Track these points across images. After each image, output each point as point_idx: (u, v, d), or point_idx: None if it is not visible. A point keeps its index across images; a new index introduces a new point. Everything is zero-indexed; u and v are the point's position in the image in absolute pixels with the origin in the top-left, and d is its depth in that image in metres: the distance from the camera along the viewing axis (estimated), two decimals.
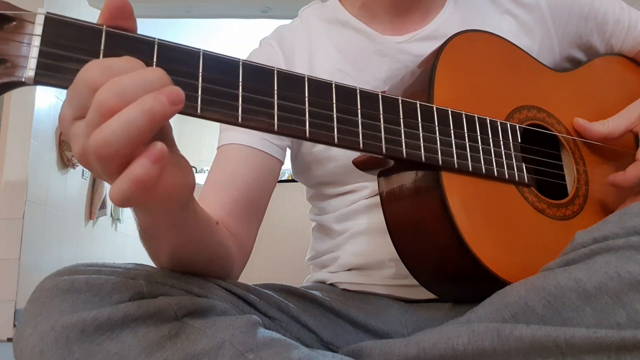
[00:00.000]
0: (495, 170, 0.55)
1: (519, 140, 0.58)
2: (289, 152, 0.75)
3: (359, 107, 0.47)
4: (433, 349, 0.43)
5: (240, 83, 0.41)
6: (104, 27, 0.36)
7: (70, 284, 0.41)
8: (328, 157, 0.69)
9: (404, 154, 0.49)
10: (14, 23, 0.35)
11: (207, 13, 2.74)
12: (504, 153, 0.56)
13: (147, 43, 0.38)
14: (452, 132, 0.53)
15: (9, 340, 2.02)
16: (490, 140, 0.55)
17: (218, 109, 0.39)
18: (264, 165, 0.68)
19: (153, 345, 0.40)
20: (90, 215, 2.95)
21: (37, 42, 0.34)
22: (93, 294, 0.41)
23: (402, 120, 0.50)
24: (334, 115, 0.46)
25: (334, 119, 0.45)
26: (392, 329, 0.62)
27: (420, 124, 0.51)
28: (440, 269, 0.55)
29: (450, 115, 0.53)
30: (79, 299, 0.40)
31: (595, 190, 0.63)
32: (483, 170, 0.54)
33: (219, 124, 0.60)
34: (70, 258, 2.63)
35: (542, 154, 0.63)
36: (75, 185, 2.81)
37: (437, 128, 0.52)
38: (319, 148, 0.69)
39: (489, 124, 0.56)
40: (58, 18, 0.35)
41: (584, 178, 0.63)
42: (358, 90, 0.48)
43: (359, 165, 0.56)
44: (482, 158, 0.54)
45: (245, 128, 0.41)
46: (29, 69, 0.34)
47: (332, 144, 0.45)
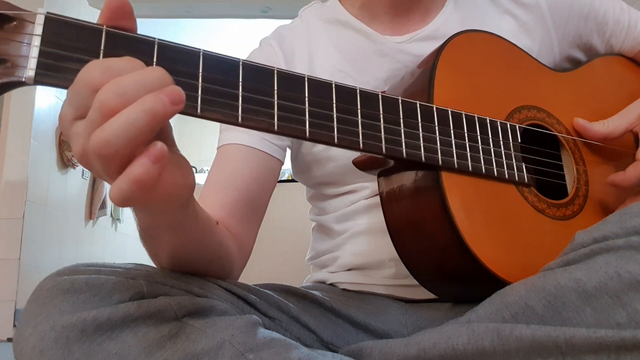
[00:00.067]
0: (495, 170, 0.55)
1: (519, 140, 0.58)
2: (289, 152, 0.75)
3: (359, 107, 0.47)
4: (433, 349, 0.43)
5: (240, 83, 0.41)
6: (104, 27, 0.36)
7: (70, 284, 0.41)
8: (328, 157, 0.69)
9: (404, 154, 0.49)
10: (14, 23, 0.35)
11: (207, 13, 2.74)
12: (504, 153, 0.56)
13: (147, 43, 0.38)
14: (452, 132, 0.53)
15: (9, 340, 2.02)
16: (490, 140, 0.55)
17: (218, 109, 0.39)
18: (264, 165, 0.68)
19: (153, 345, 0.40)
20: (90, 215, 2.95)
21: (37, 42, 0.34)
22: (93, 294, 0.41)
23: (402, 120, 0.50)
24: (334, 115, 0.46)
25: (334, 119, 0.45)
26: (392, 329, 0.62)
27: (420, 124, 0.51)
28: (440, 269, 0.55)
29: (450, 115, 0.53)
30: (79, 299, 0.40)
31: (595, 190, 0.63)
32: (483, 170, 0.54)
33: (219, 124, 0.60)
34: (70, 258, 2.63)
35: (542, 154, 0.63)
36: (75, 185, 2.81)
37: (437, 128, 0.52)
38: (319, 148, 0.69)
39: (489, 124, 0.56)
40: (58, 18, 0.35)
41: (584, 178, 0.63)
42: (358, 90, 0.48)
43: (359, 165, 0.56)
44: (482, 158, 0.54)
45: (245, 128, 0.41)
46: (29, 69, 0.34)
47: (332, 144, 0.45)
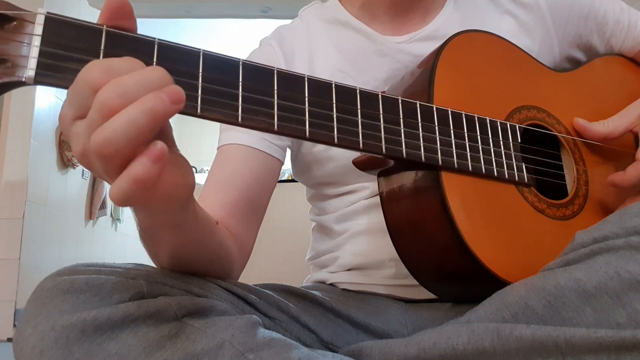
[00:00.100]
0: (495, 170, 0.55)
1: (519, 140, 0.58)
2: (289, 152, 0.75)
3: (359, 107, 0.47)
4: (433, 349, 0.43)
5: (240, 83, 0.41)
6: (104, 27, 0.36)
7: (70, 284, 0.41)
8: (328, 157, 0.69)
9: (404, 154, 0.49)
10: (14, 23, 0.35)
11: (207, 13, 2.74)
12: (504, 153, 0.56)
13: (147, 43, 0.38)
14: (452, 132, 0.53)
15: (9, 340, 2.02)
16: (490, 140, 0.55)
17: (218, 109, 0.39)
18: (264, 165, 0.68)
19: (153, 345, 0.40)
20: (90, 215, 2.95)
21: (37, 42, 0.34)
22: (93, 294, 0.41)
23: (402, 120, 0.50)
24: (334, 115, 0.46)
25: (334, 119, 0.45)
26: (392, 329, 0.62)
27: (420, 124, 0.51)
28: (440, 269, 0.55)
29: (450, 115, 0.53)
30: (79, 299, 0.40)
31: (595, 190, 0.63)
32: (483, 170, 0.54)
33: (219, 124, 0.60)
34: (70, 258, 2.63)
35: (542, 154, 0.63)
36: (75, 185, 2.81)
37: (437, 128, 0.52)
38: (319, 148, 0.69)
39: (489, 124, 0.56)
40: (58, 18, 0.35)
41: (584, 178, 0.63)
42: (358, 90, 0.48)
43: (359, 165, 0.56)
44: (482, 158, 0.54)
45: (245, 128, 0.41)
46: (29, 69, 0.34)
47: (332, 144, 0.45)
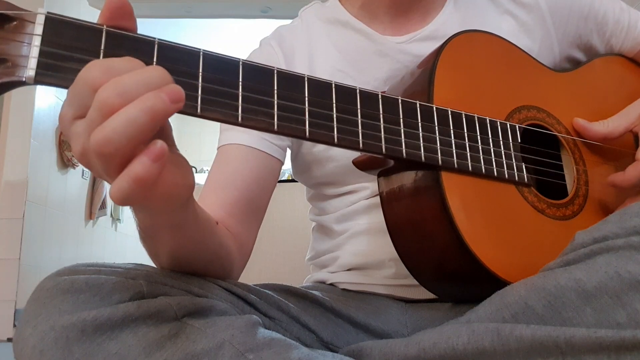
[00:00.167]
0: (495, 170, 0.55)
1: (519, 140, 0.58)
2: (289, 152, 0.75)
3: (359, 107, 0.47)
4: (433, 349, 0.43)
5: (240, 83, 0.41)
6: (104, 27, 0.36)
7: (70, 284, 0.41)
8: (328, 157, 0.69)
9: (404, 154, 0.49)
10: (15, 23, 0.35)
11: (207, 13, 2.74)
12: (504, 153, 0.56)
13: (147, 43, 0.38)
14: (451, 132, 0.53)
15: (9, 340, 2.02)
16: (490, 140, 0.55)
17: (218, 109, 0.39)
18: (264, 165, 0.68)
19: (153, 345, 0.40)
20: (90, 215, 2.95)
21: (37, 41, 0.34)
22: (93, 294, 0.41)
23: (401, 120, 0.50)
24: (334, 115, 0.46)
25: (334, 119, 0.45)
26: (392, 329, 0.62)
27: (420, 124, 0.51)
28: (440, 269, 0.55)
29: (450, 115, 0.53)
30: (79, 299, 0.40)
31: (595, 190, 0.63)
32: (483, 170, 0.54)
33: (219, 124, 0.60)
34: (70, 258, 2.63)
35: (542, 154, 0.63)
36: (75, 185, 2.81)
37: (436, 128, 0.52)
38: (319, 148, 0.69)
39: (489, 124, 0.56)
40: (58, 18, 0.35)
41: (584, 178, 0.63)
42: (358, 90, 0.48)
43: (359, 165, 0.56)
44: (481, 158, 0.54)
45: (245, 128, 0.41)
46: (30, 69, 0.34)
47: (332, 144, 0.45)
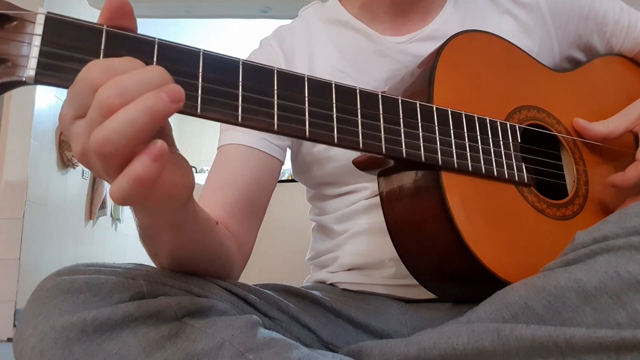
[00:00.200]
0: (495, 170, 0.55)
1: (519, 140, 0.58)
2: (289, 152, 0.75)
3: (359, 107, 0.47)
4: (433, 349, 0.43)
5: (240, 83, 0.41)
6: (104, 27, 0.36)
7: (70, 284, 0.41)
8: (328, 157, 0.69)
9: (404, 154, 0.49)
10: (15, 23, 0.35)
11: (207, 13, 2.74)
12: (504, 153, 0.56)
13: (147, 43, 0.38)
14: (451, 132, 0.53)
15: (9, 340, 2.02)
16: (490, 140, 0.55)
17: (218, 109, 0.39)
18: (264, 165, 0.68)
19: (153, 345, 0.40)
20: (90, 215, 2.95)
21: (37, 41, 0.34)
22: (93, 294, 0.41)
23: (401, 120, 0.50)
24: (334, 115, 0.46)
25: (334, 119, 0.45)
26: (392, 329, 0.62)
27: (420, 124, 0.51)
28: (440, 269, 0.55)
29: (450, 115, 0.53)
30: (79, 299, 0.40)
31: (595, 190, 0.63)
32: (483, 170, 0.54)
33: (219, 124, 0.60)
34: (70, 258, 2.63)
35: (542, 154, 0.63)
36: (75, 185, 2.81)
37: (436, 128, 0.52)
38: (319, 148, 0.69)
39: (489, 124, 0.56)
40: (58, 18, 0.35)
41: (584, 178, 0.63)
42: (358, 90, 0.48)
43: (359, 165, 0.56)
44: (482, 158, 0.54)
45: (245, 128, 0.41)
46: (30, 69, 0.34)
47: (332, 144, 0.45)
